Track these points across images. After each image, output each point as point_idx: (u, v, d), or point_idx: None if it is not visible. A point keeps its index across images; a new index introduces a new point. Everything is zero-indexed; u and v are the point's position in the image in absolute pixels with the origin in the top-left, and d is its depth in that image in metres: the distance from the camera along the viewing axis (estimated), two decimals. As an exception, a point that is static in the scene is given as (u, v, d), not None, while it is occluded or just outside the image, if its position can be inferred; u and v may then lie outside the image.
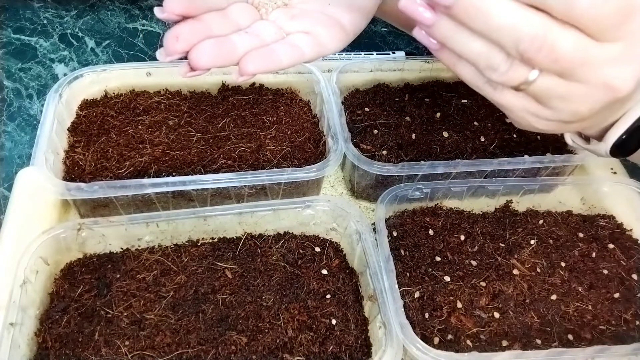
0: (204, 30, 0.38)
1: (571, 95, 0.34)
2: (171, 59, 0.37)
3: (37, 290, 0.46)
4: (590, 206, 0.59)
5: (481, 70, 0.35)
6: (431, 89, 0.65)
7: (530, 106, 0.36)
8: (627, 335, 0.47)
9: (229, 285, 0.48)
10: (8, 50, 0.72)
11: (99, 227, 0.48)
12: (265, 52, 0.40)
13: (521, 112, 0.37)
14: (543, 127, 0.38)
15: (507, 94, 0.36)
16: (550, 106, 0.36)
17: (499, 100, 0.37)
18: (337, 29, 0.43)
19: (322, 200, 0.52)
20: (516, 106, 0.37)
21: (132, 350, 0.44)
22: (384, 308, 0.45)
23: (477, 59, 0.34)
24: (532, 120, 0.38)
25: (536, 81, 0.34)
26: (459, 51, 0.35)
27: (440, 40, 0.36)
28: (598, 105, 0.35)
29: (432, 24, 0.34)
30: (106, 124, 0.57)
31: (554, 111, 0.36)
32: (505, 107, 0.38)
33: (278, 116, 0.59)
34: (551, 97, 0.35)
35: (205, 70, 0.38)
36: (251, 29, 0.41)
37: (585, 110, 0.35)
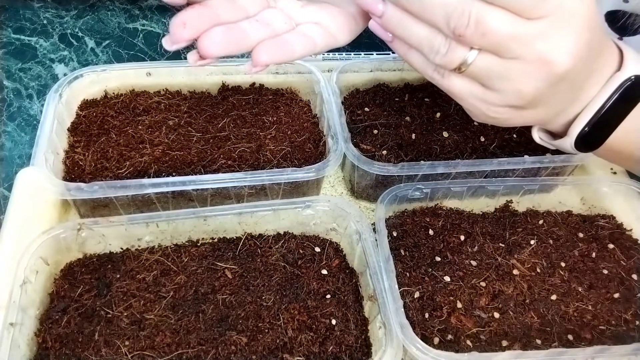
0: (212, 17, 0.36)
1: (510, 73, 0.35)
2: (177, 47, 0.36)
3: (37, 290, 0.46)
4: (590, 206, 0.59)
5: (426, 55, 0.37)
6: (431, 89, 0.65)
7: (476, 90, 0.38)
8: (627, 335, 0.47)
9: (229, 285, 0.48)
10: (8, 50, 0.72)
11: (99, 227, 0.48)
12: (279, 41, 0.39)
13: (470, 99, 0.39)
14: (496, 114, 0.39)
15: (454, 79, 0.38)
16: (493, 87, 0.37)
17: (447, 87, 0.39)
18: (347, 19, 0.42)
19: (322, 200, 0.52)
20: (464, 92, 0.38)
21: (132, 350, 0.44)
22: (384, 308, 0.45)
23: (421, 43, 0.37)
24: (482, 107, 0.39)
25: (475, 61, 0.35)
26: (406, 38, 0.37)
27: (391, 29, 0.38)
28: (539, 83, 0.36)
29: (382, 14, 0.37)
30: (106, 124, 0.57)
31: (499, 93, 0.37)
32: (454, 93, 0.39)
33: (278, 116, 0.59)
34: (492, 77, 0.36)
35: (215, 58, 0.37)
36: (260, 16, 0.40)
37: (529, 89, 0.36)
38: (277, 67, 0.62)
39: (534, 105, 0.38)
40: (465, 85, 0.38)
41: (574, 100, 0.40)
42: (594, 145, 0.43)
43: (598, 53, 0.38)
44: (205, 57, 0.36)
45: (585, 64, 0.36)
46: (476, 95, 0.38)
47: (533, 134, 0.46)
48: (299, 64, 0.62)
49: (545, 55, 0.34)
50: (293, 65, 0.62)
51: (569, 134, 0.42)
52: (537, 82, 0.36)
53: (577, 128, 0.41)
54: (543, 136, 0.46)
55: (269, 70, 0.62)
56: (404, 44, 0.39)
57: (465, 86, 0.38)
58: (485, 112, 0.39)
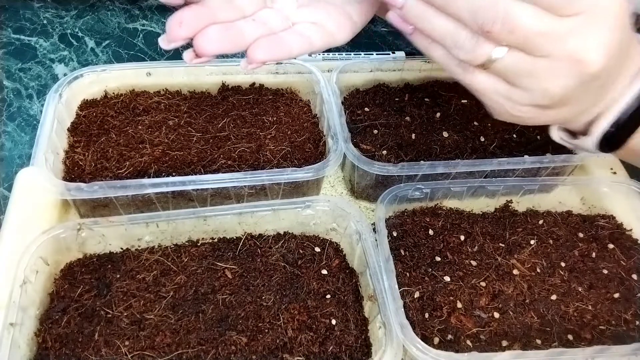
0: (208, 16, 0.37)
1: (538, 71, 0.34)
2: (174, 45, 0.36)
3: (37, 290, 0.46)
4: (590, 206, 0.59)
5: (449, 49, 0.36)
6: (431, 89, 0.65)
7: (500, 87, 0.36)
8: (627, 335, 0.47)
9: (229, 285, 0.48)
10: (8, 50, 0.72)
11: (99, 227, 0.48)
12: (275, 39, 0.39)
13: (494, 95, 0.37)
14: (519, 113, 0.38)
15: (478, 74, 0.36)
16: (519, 85, 0.35)
17: (470, 83, 0.37)
18: (345, 18, 0.42)
19: (322, 200, 0.52)
20: (488, 88, 0.37)
21: (132, 350, 0.44)
22: (384, 308, 0.45)
23: (444, 37, 0.35)
24: (506, 105, 0.37)
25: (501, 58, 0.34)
26: (428, 31, 0.36)
27: (412, 22, 0.37)
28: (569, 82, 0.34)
29: (402, 6, 0.36)
30: (106, 124, 0.57)
31: (525, 91, 0.36)
32: (477, 89, 0.38)
33: (278, 116, 0.59)
34: (518, 75, 0.35)
35: (211, 57, 0.37)
36: (257, 16, 0.40)
37: (557, 89, 0.35)
38: (277, 67, 0.62)
39: (560, 105, 0.37)
40: (489, 82, 0.37)
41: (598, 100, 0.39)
42: (617, 145, 0.41)
43: (627, 52, 0.37)
44: (201, 55, 0.36)
45: (615, 63, 0.35)
46: (500, 92, 0.37)
47: (552, 133, 0.45)
48: (299, 64, 0.62)
49: (577, 54, 0.33)
50: (293, 65, 0.62)
51: (591, 133, 0.40)
52: (567, 81, 0.34)
53: (600, 128, 0.39)
54: (563, 135, 0.44)
55: (268, 70, 0.62)
56: (425, 37, 0.38)
57: (490, 83, 0.37)
58: (509, 110, 0.38)
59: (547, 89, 0.35)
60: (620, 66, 0.37)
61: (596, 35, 0.33)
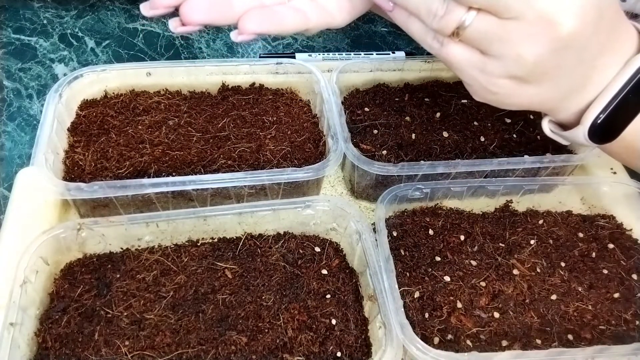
0: None
1: (509, 35, 0.33)
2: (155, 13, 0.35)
3: (37, 290, 0.46)
4: (590, 206, 0.59)
5: (424, 19, 0.35)
6: (431, 89, 0.65)
7: (475, 59, 0.36)
8: (627, 335, 0.47)
9: (229, 285, 0.48)
10: (8, 50, 0.72)
11: (99, 227, 0.48)
12: (267, 11, 0.38)
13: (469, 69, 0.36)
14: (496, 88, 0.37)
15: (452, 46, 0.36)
16: (492, 53, 0.34)
17: (446, 56, 0.37)
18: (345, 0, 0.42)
19: (322, 200, 0.52)
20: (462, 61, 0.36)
21: (132, 350, 0.44)
22: (384, 308, 0.45)
23: (418, 7, 0.35)
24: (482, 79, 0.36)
25: (472, 23, 0.33)
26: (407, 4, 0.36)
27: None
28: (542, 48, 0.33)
29: None
30: (106, 124, 0.57)
31: (498, 60, 0.35)
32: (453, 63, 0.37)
33: (278, 116, 0.59)
34: (490, 41, 0.34)
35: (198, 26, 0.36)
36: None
37: (529, 54, 0.33)
38: (277, 67, 0.62)
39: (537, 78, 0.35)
40: (464, 54, 0.36)
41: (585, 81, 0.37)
42: (610, 136, 0.39)
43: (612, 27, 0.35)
44: (187, 23, 0.35)
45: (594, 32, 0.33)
46: (475, 64, 0.36)
47: (543, 125, 0.43)
48: (299, 64, 0.62)
49: (547, 15, 0.31)
50: (293, 65, 0.62)
51: (582, 122, 0.39)
52: (539, 46, 0.33)
53: (590, 115, 0.38)
54: (554, 127, 0.43)
55: (268, 70, 0.62)
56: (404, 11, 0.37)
57: (465, 55, 0.36)
58: (485, 84, 0.37)
59: (519, 54, 0.34)
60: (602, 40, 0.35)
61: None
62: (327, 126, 0.57)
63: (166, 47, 0.76)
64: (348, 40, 0.79)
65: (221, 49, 0.77)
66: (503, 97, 0.38)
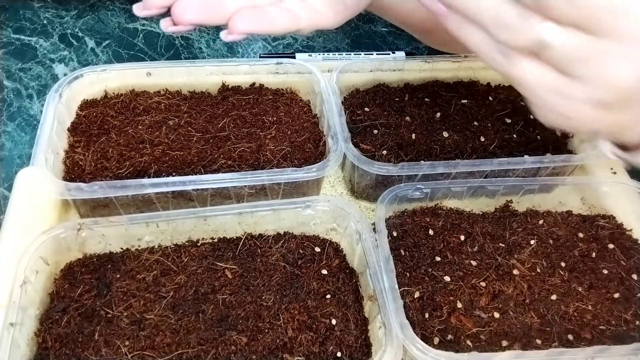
0: None
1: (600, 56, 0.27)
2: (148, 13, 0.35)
3: (37, 290, 0.46)
4: (590, 206, 0.59)
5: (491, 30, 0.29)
6: (431, 89, 0.65)
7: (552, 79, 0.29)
8: (627, 335, 0.47)
9: (229, 285, 0.48)
10: (8, 50, 0.72)
11: (99, 227, 0.48)
12: (258, 11, 0.38)
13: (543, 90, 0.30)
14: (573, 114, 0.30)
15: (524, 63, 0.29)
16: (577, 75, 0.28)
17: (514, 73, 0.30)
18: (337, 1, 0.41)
19: (322, 200, 0.52)
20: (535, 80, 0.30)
21: (132, 350, 0.44)
22: (384, 308, 0.45)
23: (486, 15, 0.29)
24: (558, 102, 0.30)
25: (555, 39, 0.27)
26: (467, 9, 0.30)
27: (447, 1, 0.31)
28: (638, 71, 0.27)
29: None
30: (106, 124, 0.57)
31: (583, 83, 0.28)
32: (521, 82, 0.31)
33: (278, 116, 0.59)
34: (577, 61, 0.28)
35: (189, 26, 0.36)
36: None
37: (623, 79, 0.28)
38: (277, 67, 0.62)
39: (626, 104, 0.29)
40: (538, 72, 0.29)
41: None
42: None
43: None
44: (178, 23, 0.35)
45: None
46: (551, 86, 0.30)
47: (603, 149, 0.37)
48: (299, 64, 0.62)
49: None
50: (293, 65, 0.62)
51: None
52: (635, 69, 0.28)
53: None
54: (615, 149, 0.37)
55: (268, 70, 0.62)
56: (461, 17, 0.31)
57: (539, 73, 0.29)
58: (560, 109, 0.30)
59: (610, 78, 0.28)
60: None
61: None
62: (327, 126, 0.57)
63: (166, 47, 0.76)
64: (348, 40, 0.79)
65: (221, 49, 0.77)
66: (578, 122, 0.32)
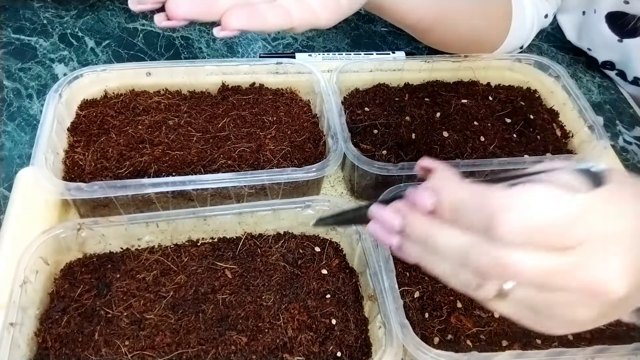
0: None
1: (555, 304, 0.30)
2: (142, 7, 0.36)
3: (37, 290, 0.46)
4: (590, 206, 0.59)
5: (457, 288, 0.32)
6: (431, 89, 0.65)
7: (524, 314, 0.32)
8: (627, 335, 0.47)
9: (229, 285, 0.48)
10: (8, 50, 0.72)
11: (99, 227, 0.48)
12: (251, 8, 0.38)
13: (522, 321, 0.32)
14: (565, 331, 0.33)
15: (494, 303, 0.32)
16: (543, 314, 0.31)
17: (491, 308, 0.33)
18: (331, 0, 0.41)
19: (322, 200, 0.52)
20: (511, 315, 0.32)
21: (132, 350, 0.44)
22: (384, 308, 0.45)
23: (449, 279, 0.32)
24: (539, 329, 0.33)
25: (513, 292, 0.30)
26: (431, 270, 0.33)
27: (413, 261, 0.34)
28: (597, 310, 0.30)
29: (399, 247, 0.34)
30: (106, 124, 0.57)
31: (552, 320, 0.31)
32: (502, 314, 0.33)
33: (278, 116, 0.59)
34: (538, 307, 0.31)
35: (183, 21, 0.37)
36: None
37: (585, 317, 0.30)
38: (277, 67, 0.62)
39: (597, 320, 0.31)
40: (511, 310, 0.32)
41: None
42: None
43: None
44: (172, 18, 0.36)
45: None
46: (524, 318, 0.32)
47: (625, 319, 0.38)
48: (299, 64, 0.62)
49: (591, 286, 0.28)
50: (293, 65, 0.62)
51: None
52: (592, 309, 0.30)
53: None
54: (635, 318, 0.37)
55: (268, 70, 0.62)
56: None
57: (512, 310, 0.32)
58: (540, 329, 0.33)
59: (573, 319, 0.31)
60: None
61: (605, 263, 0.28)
62: (327, 126, 0.57)
63: (166, 47, 0.76)
64: (348, 40, 0.79)
65: (221, 49, 0.77)
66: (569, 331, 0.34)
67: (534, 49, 0.81)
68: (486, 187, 0.30)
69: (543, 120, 0.63)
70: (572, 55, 0.82)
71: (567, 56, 0.82)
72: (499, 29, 0.66)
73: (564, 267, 0.28)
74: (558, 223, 0.28)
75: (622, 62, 0.74)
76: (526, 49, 0.72)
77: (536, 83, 0.67)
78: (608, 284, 0.29)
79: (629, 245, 0.29)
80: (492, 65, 0.68)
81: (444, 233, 0.31)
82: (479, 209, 0.29)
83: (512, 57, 0.68)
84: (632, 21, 0.67)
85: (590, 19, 0.73)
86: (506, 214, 0.28)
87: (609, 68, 0.77)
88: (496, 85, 0.67)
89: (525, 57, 0.67)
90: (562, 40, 0.82)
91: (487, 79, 0.67)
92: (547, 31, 0.84)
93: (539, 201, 0.28)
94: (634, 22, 0.67)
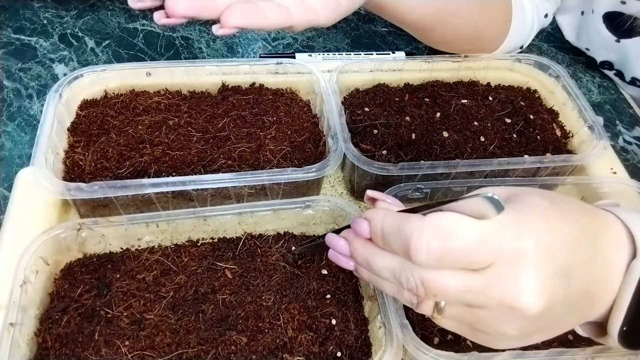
0: None
1: (485, 320, 0.32)
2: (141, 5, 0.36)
3: (37, 290, 0.46)
4: (590, 206, 0.59)
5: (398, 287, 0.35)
6: (431, 89, 0.65)
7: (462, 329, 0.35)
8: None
9: (229, 285, 0.48)
10: (8, 50, 0.72)
11: (99, 227, 0.48)
12: (250, 6, 0.39)
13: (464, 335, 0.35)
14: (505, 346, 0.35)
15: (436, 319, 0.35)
16: (478, 329, 0.34)
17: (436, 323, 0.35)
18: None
19: (322, 200, 0.52)
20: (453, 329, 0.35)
21: (132, 350, 0.44)
22: (384, 308, 0.45)
23: (395, 296, 0.36)
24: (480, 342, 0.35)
25: (445, 309, 0.33)
26: (381, 289, 0.38)
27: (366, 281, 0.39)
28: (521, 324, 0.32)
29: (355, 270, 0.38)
30: (106, 124, 0.57)
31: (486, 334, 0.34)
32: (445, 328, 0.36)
33: (278, 116, 0.59)
34: (470, 322, 0.33)
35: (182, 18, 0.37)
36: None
37: (511, 332, 0.32)
38: (277, 67, 0.62)
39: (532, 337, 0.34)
40: (452, 325, 0.35)
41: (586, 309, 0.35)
42: None
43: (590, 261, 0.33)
44: (171, 15, 0.36)
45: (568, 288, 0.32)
46: (467, 334, 0.35)
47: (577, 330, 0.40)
48: (299, 64, 0.62)
49: (507, 302, 0.30)
50: (293, 65, 0.62)
51: (610, 334, 0.36)
52: (516, 323, 0.32)
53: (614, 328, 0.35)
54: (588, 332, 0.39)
55: (268, 70, 0.62)
56: None
57: (452, 325, 0.35)
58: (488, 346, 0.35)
59: (502, 332, 0.33)
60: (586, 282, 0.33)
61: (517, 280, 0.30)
62: (327, 126, 0.57)
63: (166, 47, 0.76)
64: (348, 40, 0.79)
65: (221, 49, 0.77)
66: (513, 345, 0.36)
67: (534, 49, 0.81)
68: (404, 216, 0.33)
69: (543, 120, 0.63)
70: (572, 55, 0.82)
71: (567, 56, 0.82)
72: (499, 29, 0.66)
73: (480, 285, 0.31)
74: (466, 246, 0.30)
75: (620, 62, 0.75)
76: (526, 49, 0.72)
77: (536, 83, 0.67)
78: (522, 298, 0.30)
79: (539, 264, 0.30)
80: (492, 66, 0.68)
81: (378, 258, 0.35)
82: (397, 236, 0.32)
83: (512, 57, 0.68)
84: (628, 21, 0.67)
85: (589, 19, 0.74)
86: (417, 239, 0.31)
87: (607, 68, 0.77)
88: (496, 86, 0.67)
89: (525, 57, 0.67)
90: (562, 40, 0.82)
91: (487, 79, 0.67)
92: (547, 31, 0.84)
93: (447, 227, 0.31)
94: (630, 22, 0.67)
